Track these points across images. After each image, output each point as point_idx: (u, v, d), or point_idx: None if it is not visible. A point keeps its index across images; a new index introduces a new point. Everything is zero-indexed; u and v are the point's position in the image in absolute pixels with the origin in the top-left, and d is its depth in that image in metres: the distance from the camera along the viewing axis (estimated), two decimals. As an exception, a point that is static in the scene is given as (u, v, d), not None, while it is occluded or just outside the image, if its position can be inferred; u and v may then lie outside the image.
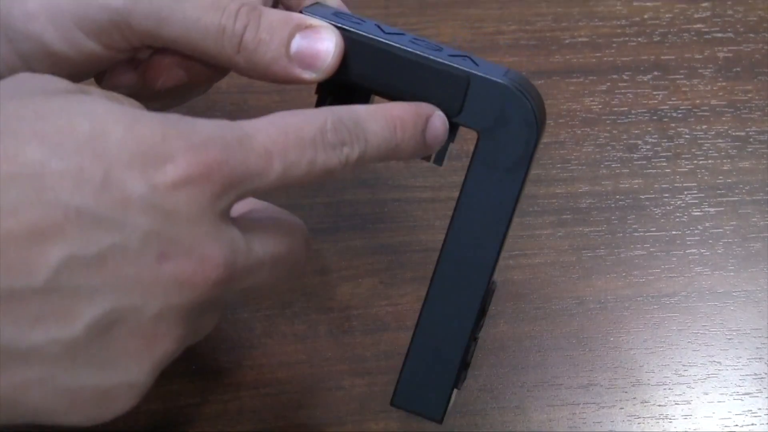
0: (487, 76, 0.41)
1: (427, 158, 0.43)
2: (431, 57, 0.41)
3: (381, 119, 0.39)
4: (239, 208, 0.38)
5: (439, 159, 0.43)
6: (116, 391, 0.35)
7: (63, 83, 0.37)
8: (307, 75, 0.42)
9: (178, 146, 0.34)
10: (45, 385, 0.33)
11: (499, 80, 0.41)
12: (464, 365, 0.43)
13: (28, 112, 0.34)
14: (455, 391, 0.43)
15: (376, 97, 0.43)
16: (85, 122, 0.34)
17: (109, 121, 0.34)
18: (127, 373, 0.35)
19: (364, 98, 0.43)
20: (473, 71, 0.41)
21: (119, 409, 0.35)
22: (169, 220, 0.34)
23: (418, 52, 0.41)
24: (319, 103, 0.43)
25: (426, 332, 0.42)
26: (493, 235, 0.41)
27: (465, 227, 0.42)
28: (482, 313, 0.42)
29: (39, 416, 0.34)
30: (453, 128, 0.42)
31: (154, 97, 0.46)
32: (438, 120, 0.41)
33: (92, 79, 0.46)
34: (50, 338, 0.33)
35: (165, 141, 0.34)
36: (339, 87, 0.43)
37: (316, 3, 0.45)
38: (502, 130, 0.41)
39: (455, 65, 0.41)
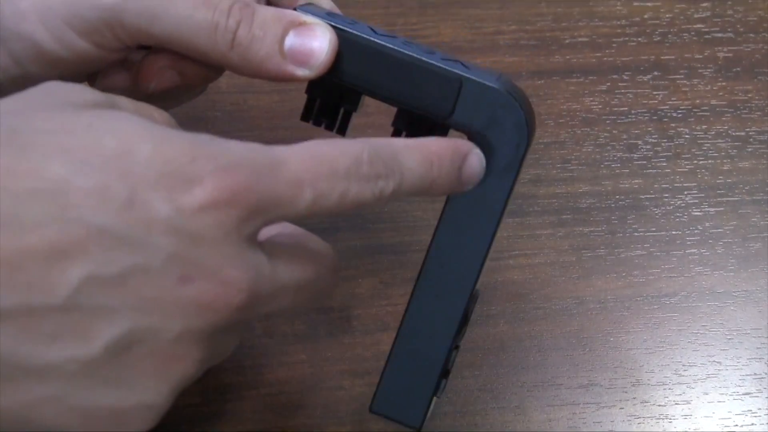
0: (480, 80, 0.41)
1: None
2: (424, 59, 0.41)
3: (418, 154, 0.39)
4: (267, 231, 0.37)
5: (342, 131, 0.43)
6: (132, 413, 0.34)
7: (92, 94, 0.36)
8: (301, 72, 0.42)
9: (206, 168, 0.34)
10: (60, 403, 0.33)
11: (492, 84, 0.41)
12: (444, 373, 0.43)
13: (55, 126, 0.34)
14: (434, 399, 0.43)
15: (383, 107, 0.42)
16: (112, 139, 0.33)
17: (137, 138, 0.34)
18: (143, 395, 0.34)
19: (354, 99, 0.43)
20: (466, 74, 0.41)
21: (134, 430, 0.35)
22: (193, 243, 0.34)
23: (412, 54, 0.41)
24: (309, 104, 0.43)
25: (407, 339, 0.42)
26: (480, 241, 0.41)
27: (451, 232, 0.42)
28: (465, 320, 0.42)
29: None
30: (443, 130, 0.42)
31: (147, 100, 0.46)
32: (475, 158, 0.40)
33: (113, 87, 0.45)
34: (67, 356, 0.33)
35: (194, 162, 0.34)
36: (330, 87, 0.42)
37: (309, 3, 0.45)
38: (492, 133, 0.41)
39: (448, 68, 0.41)
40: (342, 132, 0.44)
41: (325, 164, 0.36)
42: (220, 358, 0.37)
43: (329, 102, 0.43)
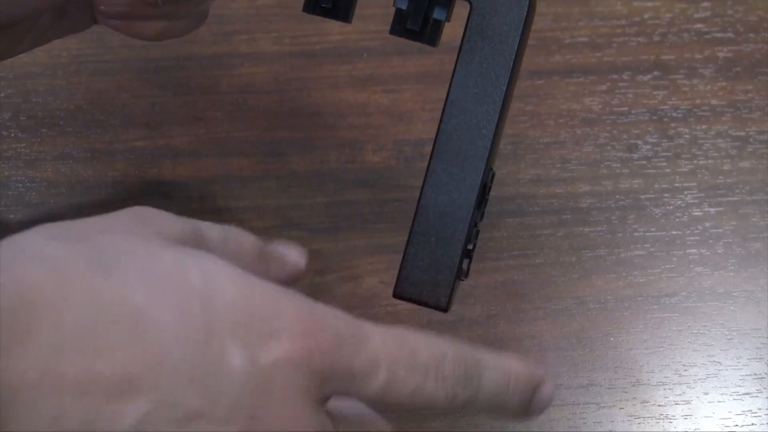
0: None
1: (418, 37, 0.42)
2: None
3: (500, 369, 0.37)
4: (336, 402, 0.36)
5: (433, 39, 0.43)
6: None
7: (181, 224, 0.36)
8: None
9: (288, 324, 0.33)
10: None
11: None
12: (467, 253, 0.41)
13: (142, 254, 0.33)
14: (459, 282, 0.41)
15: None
16: (197, 277, 0.33)
17: (222, 280, 0.33)
18: None
19: None
20: None
21: None
22: (261, 397, 0.33)
23: None
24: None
25: (425, 218, 0.41)
26: (490, 109, 0.41)
27: (460, 103, 0.41)
28: (483, 197, 0.41)
29: None
30: (447, 4, 0.42)
31: (159, 11, 0.45)
32: (549, 387, 0.39)
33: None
34: None
35: (277, 315, 0.33)
36: None
37: None
38: None
39: None
40: (348, 20, 0.43)
41: (406, 350, 0.35)
42: None
43: None
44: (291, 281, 0.40)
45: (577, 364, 0.50)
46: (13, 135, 0.56)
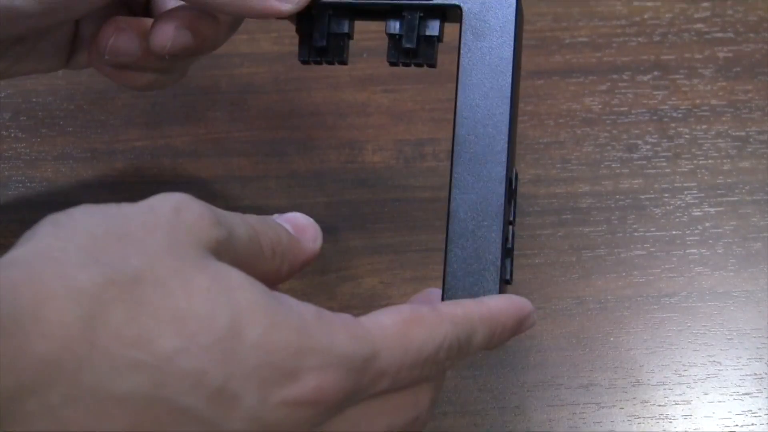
0: None
1: (415, 58, 0.43)
2: None
3: (488, 326, 0.39)
4: None
5: (430, 57, 0.43)
6: None
7: (215, 233, 0.35)
8: (285, 7, 0.42)
9: (306, 365, 0.34)
10: None
11: None
12: (507, 252, 0.42)
13: (175, 287, 0.33)
14: (507, 286, 0.42)
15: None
16: (226, 314, 0.33)
17: (248, 319, 0.33)
18: None
19: (345, 23, 0.44)
20: None
21: None
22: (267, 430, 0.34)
23: None
24: (303, 42, 0.44)
25: (459, 222, 0.41)
26: (501, 104, 0.41)
27: (470, 104, 0.42)
28: (511, 193, 0.42)
29: None
30: (439, 18, 0.42)
31: (158, 65, 0.46)
32: (532, 318, 0.40)
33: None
34: None
35: (297, 355, 0.34)
36: (318, 17, 0.43)
37: None
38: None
39: None
40: (344, 62, 0.44)
41: (410, 355, 0.36)
42: None
43: (322, 33, 0.43)
44: (308, 263, 0.40)
45: (577, 364, 0.50)
46: (13, 135, 0.56)
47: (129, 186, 0.55)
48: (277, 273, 0.39)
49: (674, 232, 0.55)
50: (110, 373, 0.31)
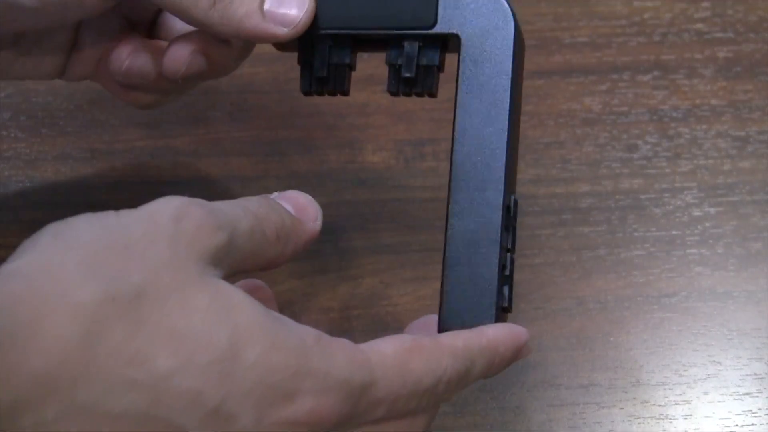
0: None
1: (415, 86, 0.43)
2: None
3: (486, 358, 0.39)
4: None
5: (430, 86, 0.44)
6: None
7: (216, 240, 0.35)
8: (281, 31, 0.42)
9: (304, 388, 0.34)
10: None
11: None
12: (505, 279, 0.42)
13: (176, 301, 0.33)
14: (506, 315, 0.42)
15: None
16: (224, 335, 0.33)
17: (247, 339, 0.33)
18: None
19: (346, 53, 0.44)
20: None
21: None
22: None
23: None
24: (305, 73, 0.44)
25: (456, 249, 0.41)
26: (498, 130, 0.42)
27: (468, 130, 0.42)
28: (509, 220, 0.42)
29: None
30: (435, 45, 0.43)
31: (167, 86, 0.46)
32: (527, 348, 0.41)
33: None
34: None
35: (294, 377, 0.34)
36: (319, 47, 0.44)
37: None
38: (479, 25, 0.42)
39: None
40: (346, 93, 0.44)
41: (408, 387, 0.36)
42: None
43: (323, 64, 0.44)
44: (310, 243, 0.41)
45: (577, 364, 0.50)
46: (13, 135, 0.56)
47: (129, 186, 0.55)
48: (282, 255, 0.39)
49: (674, 232, 0.55)
50: (106, 391, 0.32)
